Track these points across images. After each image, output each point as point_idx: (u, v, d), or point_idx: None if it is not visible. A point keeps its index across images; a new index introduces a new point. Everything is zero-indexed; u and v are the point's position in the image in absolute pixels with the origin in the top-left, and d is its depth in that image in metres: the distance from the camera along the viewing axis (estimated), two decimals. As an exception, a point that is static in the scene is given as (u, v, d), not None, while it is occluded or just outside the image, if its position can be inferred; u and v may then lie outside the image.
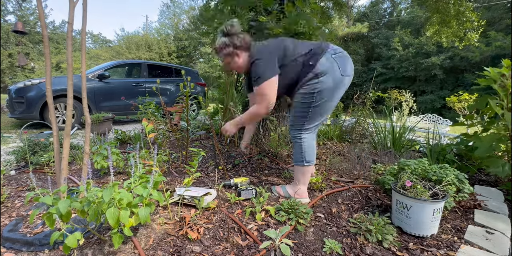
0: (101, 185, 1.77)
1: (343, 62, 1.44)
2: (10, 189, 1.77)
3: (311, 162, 1.54)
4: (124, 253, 1.09)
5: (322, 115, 1.51)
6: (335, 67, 1.42)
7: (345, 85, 1.49)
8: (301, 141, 1.53)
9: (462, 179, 1.48)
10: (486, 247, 1.14)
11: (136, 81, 5.52)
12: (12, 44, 20.81)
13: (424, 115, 6.47)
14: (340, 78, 1.43)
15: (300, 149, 1.54)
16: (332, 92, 1.45)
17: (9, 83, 20.32)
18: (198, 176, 1.90)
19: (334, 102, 1.50)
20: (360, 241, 1.19)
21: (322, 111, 1.49)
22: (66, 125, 1.38)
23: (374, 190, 1.73)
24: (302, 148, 1.53)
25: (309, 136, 1.54)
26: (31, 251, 1.11)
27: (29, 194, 1.00)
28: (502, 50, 12.49)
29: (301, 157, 1.53)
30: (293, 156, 1.59)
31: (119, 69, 6.31)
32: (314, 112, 1.48)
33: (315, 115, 1.49)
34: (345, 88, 1.51)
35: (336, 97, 1.49)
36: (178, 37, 23.42)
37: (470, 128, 2.29)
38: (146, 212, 1.02)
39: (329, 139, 3.12)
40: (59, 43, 25.05)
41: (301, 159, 1.54)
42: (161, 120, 2.40)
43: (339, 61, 1.43)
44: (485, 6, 14.64)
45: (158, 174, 1.15)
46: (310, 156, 1.54)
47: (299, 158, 1.54)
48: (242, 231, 1.26)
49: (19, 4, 19.50)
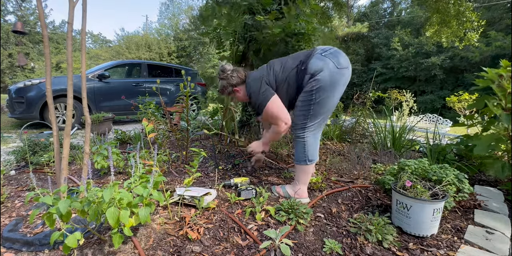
0: (101, 185, 1.77)
1: (335, 56, 1.45)
2: (10, 189, 1.77)
3: (313, 161, 1.55)
4: (124, 253, 1.09)
5: (324, 112, 1.51)
6: (328, 62, 1.43)
7: (344, 77, 1.48)
8: (304, 140, 1.53)
9: (462, 179, 1.48)
10: (486, 247, 1.14)
11: (136, 81, 5.52)
12: (12, 44, 20.80)
13: (424, 115, 6.47)
14: (337, 71, 1.44)
15: (302, 148, 1.54)
16: (333, 87, 1.45)
17: (9, 83, 20.32)
18: (198, 176, 1.90)
19: (335, 98, 1.50)
20: (360, 241, 1.19)
21: (324, 109, 1.49)
22: (66, 125, 1.38)
23: (374, 190, 1.73)
24: (305, 147, 1.53)
25: (312, 135, 1.54)
26: (31, 251, 1.11)
27: (29, 194, 1.00)
28: (502, 50, 12.47)
29: (304, 156, 1.54)
30: (295, 155, 1.59)
31: (119, 69, 6.32)
32: (315, 110, 1.48)
33: (316, 113, 1.49)
34: (345, 81, 1.51)
35: (338, 91, 1.49)
36: (178, 37, 23.40)
37: (470, 128, 2.29)
38: (146, 212, 1.02)
39: (329, 139, 3.12)
40: (59, 43, 25.03)
41: (303, 158, 1.54)
42: (161, 120, 2.41)
43: (330, 57, 1.45)
44: (485, 6, 14.63)
45: (158, 174, 1.15)
46: (313, 155, 1.54)
47: (301, 157, 1.55)
48: (242, 231, 1.26)
49: (19, 4, 19.50)
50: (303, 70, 1.47)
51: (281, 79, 1.55)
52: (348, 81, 1.54)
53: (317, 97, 1.45)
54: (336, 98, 1.51)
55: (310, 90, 1.45)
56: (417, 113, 6.52)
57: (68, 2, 1.35)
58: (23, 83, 4.39)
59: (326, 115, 1.54)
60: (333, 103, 1.51)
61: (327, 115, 1.55)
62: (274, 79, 1.55)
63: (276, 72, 1.56)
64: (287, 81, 1.53)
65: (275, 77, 1.55)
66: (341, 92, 1.51)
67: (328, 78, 1.42)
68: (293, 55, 1.63)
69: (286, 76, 1.53)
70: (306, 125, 1.52)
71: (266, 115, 1.57)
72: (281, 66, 1.57)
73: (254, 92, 1.55)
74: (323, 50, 1.48)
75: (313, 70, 1.43)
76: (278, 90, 1.57)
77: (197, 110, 5.87)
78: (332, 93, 1.46)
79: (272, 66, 1.60)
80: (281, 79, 1.55)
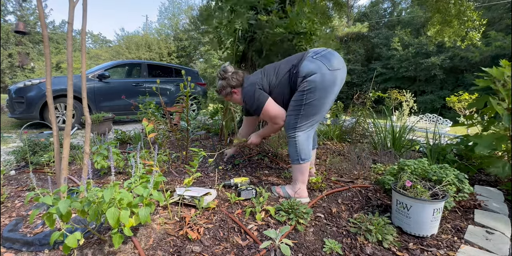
0: (101, 185, 1.77)
1: (326, 58, 1.47)
2: (10, 189, 1.77)
3: (307, 160, 1.56)
4: (124, 253, 1.09)
5: (315, 113, 1.52)
6: (320, 65, 1.45)
7: (338, 79, 1.49)
8: (295, 139, 1.55)
9: (462, 179, 1.48)
10: (486, 247, 1.14)
11: (136, 81, 5.52)
12: (12, 44, 20.80)
13: (424, 115, 6.47)
14: (329, 73, 1.45)
15: (294, 147, 1.56)
16: (324, 89, 1.46)
17: (9, 83, 20.32)
18: (198, 176, 1.90)
19: (329, 99, 1.51)
20: (360, 241, 1.19)
21: (315, 110, 1.51)
22: (66, 125, 1.38)
23: (374, 190, 1.73)
24: (297, 146, 1.55)
25: (303, 135, 1.56)
26: (31, 251, 1.11)
27: (29, 194, 1.00)
28: (502, 50, 12.46)
29: (296, 155, 1.55)
30: (289, 155, 1.61)
31: (119, 69, 6.31)
32: (306, 111, 1.50)
33: (307, 113, 1.51)
34: (340, 82, 1.52)
35: (332, 93, 1.50)
36: (178, 37, 23.39)
37: (470, 128, 2.29)
38: (146, 212, 1.02)
39: (329, 139, 3.12)
40: (59, 43, 25.03)
41: (296, 158, 1.56)
42: (161, 120, 2.41)
43: (322, 59, 1.46)
44: (485, 6, 14.63)
45: (158, 174, 1.15)
46: (305, 154, 1.55)
47: (294, 156, 1.57)
48: (242, 231, 1.26)
49: (19, 4, 19.49)
50: (295, 74, 1.50)
51: (275, 84, 1.59)
52: (343, 82, 1.56)
53: (308, 98, 1.46)
54: (330, 100, 1.52)
55: (302, 90, 1.48)
56: (417, 113, 6.53)
57: (68, 2, 1.35)
58: (23, 83, 4.39)
59: (318, 116, 1.55)
60: (325, 105, 1.52)
61: (319, 116, 1.56)
62: (268, 84, 1.60)
63: (270, 77, 1.61)
64: (281, 85, 1.58)
65: (268, 83, 1.60)
66: (334, 94, 1.53)
67: (319, 80, 1.44)
68: (286, 59, 1.66)
69: (279, 80, 1.58)
70: (296, 125, 1.54)
71: (264, 116, 1.66)
72: (274, 72, 1.61)
73: (249, 97, 1.62)
74: (315, 52, 1.51)
75: (305, 73, 1.46)
76: (272, 94, 1.61)
77: (197, 110, 5.87)
78: (324, 95, 1.47)
79: (266, 71, 1.65)
80: (274, 84, 1.59)
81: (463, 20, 6.24)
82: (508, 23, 13.31)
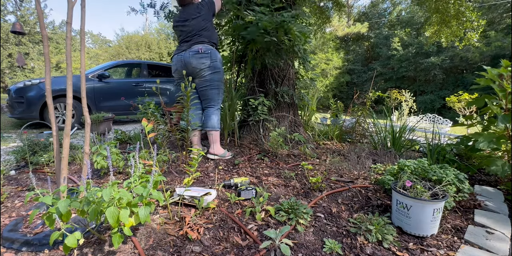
0: (101, 185, 1.77)
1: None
2: (10, 189, 1.76)
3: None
4: (124, 253, 1.09)
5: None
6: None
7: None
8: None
9: (462, 179, 1.48)
10: (486, 247, 1.14)
11: (136, 81, 5.51)
12: (12, 44, 20.79)
13: (424, 115, 6.47)
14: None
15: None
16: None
17: (9, 83, 20.31)
18: (198, 176, 1.90)
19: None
20: (360, 241, 1.19)
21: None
22: (66, 125, 1.38)
23: (374, 190, 1.73)
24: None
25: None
26: (31, 251, 1.11)
27: (28, 194, 1.00)
28: (502, 50, 12.48)
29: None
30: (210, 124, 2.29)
31: (119, 69, 6.31)
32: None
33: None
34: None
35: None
36: (178, 37, 23.35)
37: (470, 128, 2.29)
38: (146, 211, 1.01)
39: (329, 139, 3.12)
40: (59, 43, 25.00)
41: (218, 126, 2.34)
42: (161, 120, 2.40)
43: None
44: (485, 6, 14.63)
45: (158, 173, 1.15)
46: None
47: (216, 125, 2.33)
48: (242, 231, 1.26)
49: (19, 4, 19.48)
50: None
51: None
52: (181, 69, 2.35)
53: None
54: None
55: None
56: (417, 113, 6.52)
57: (67, 2, 1.35)
58: (23, 83, 4.38)
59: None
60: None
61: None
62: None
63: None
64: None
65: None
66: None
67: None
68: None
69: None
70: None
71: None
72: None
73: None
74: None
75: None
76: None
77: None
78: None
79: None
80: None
81: (461, 20, 6.23)
82: (508, 23, 13.32)
